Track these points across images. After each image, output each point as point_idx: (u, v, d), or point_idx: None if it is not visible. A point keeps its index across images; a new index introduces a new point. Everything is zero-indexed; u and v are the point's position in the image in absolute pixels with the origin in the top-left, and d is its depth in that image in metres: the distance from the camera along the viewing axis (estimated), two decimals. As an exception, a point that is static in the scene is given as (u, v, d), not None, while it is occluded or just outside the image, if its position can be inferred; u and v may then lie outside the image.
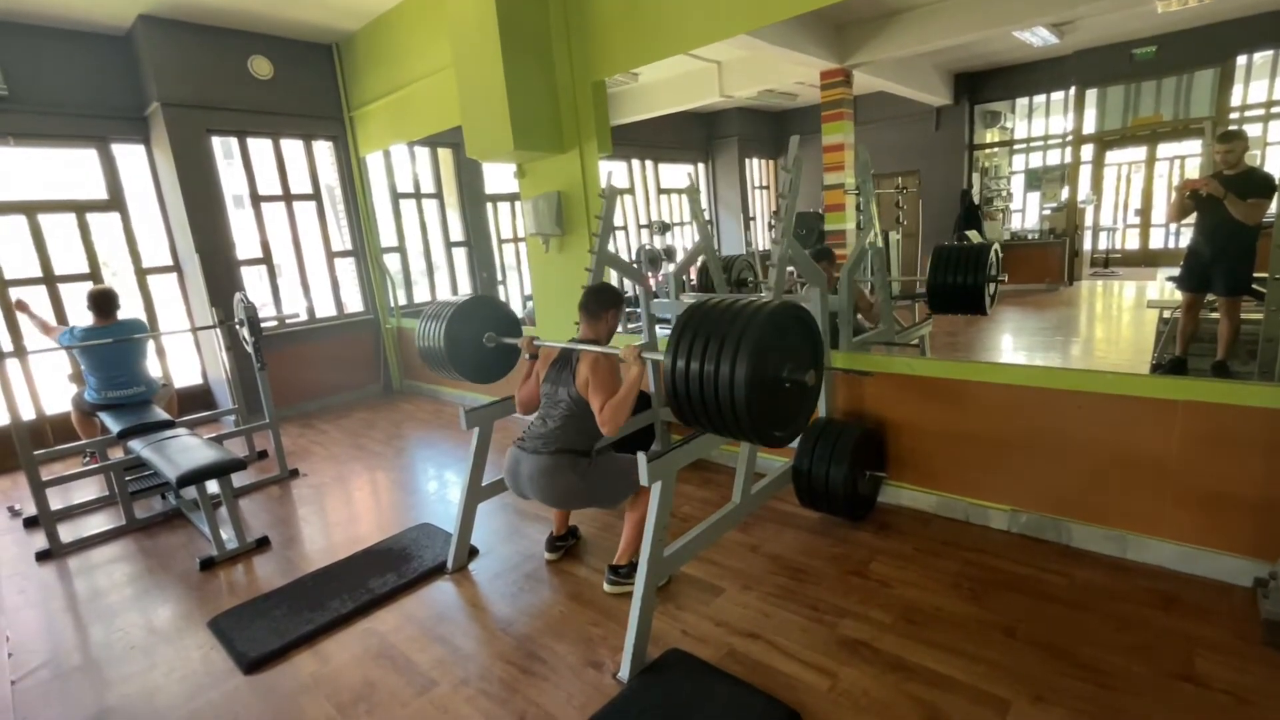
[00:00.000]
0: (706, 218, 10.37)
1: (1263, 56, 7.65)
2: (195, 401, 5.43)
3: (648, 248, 6.37)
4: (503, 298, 7.48)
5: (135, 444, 3.45)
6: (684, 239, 10.49)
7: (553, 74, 3.78)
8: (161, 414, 3.91)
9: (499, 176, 7.36)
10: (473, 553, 2.84)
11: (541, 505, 3.22)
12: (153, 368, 4.25)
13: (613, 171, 3.39)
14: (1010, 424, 2.60)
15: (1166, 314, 4.77)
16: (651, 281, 3.84)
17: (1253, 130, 7.86)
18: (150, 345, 4.25)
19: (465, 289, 7.01)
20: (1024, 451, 2.58)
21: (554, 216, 4.02)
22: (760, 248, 10.85)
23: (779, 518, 2.94)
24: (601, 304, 2.48)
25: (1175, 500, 2.28)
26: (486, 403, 2.73)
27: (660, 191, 9.88)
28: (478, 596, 2.54)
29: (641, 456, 1.94)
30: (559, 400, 2.43)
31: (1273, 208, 3.71)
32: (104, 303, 3.90)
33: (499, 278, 7.49)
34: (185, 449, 3.25)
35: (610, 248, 3.28)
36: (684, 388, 1.78)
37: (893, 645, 2.04)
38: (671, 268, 4.82)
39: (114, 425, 3.71)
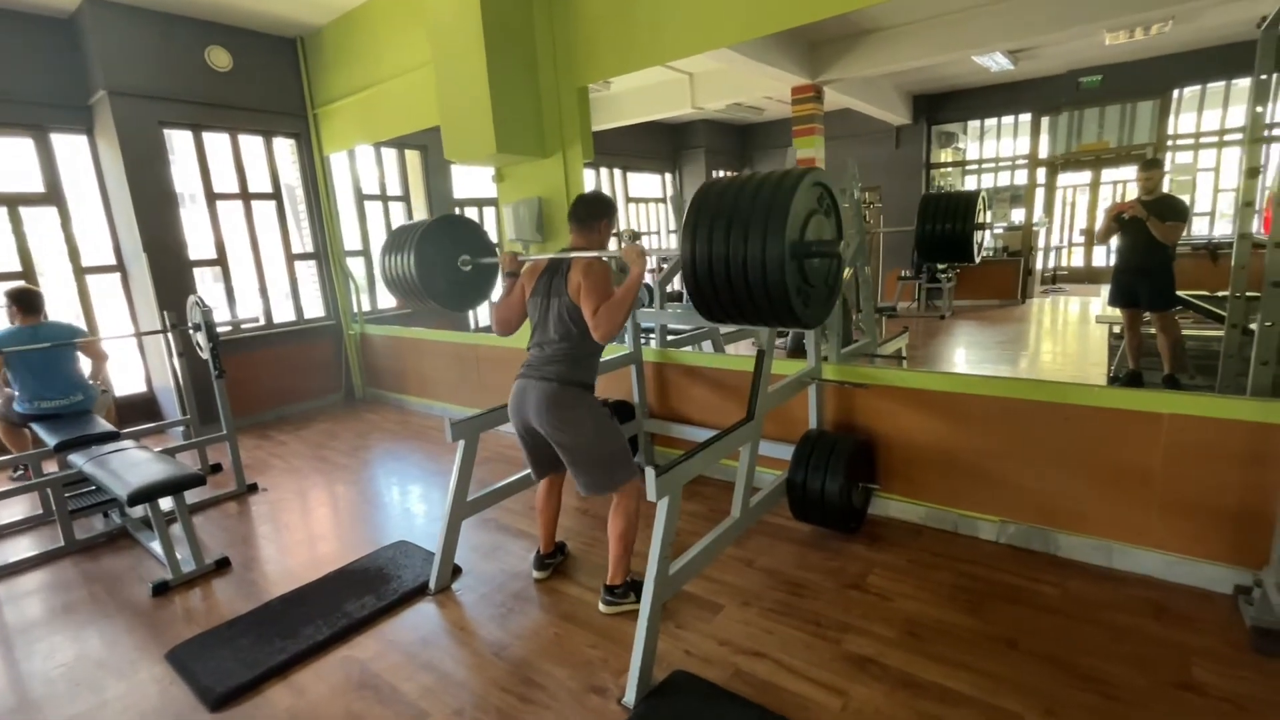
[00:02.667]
0: (676, 226, 10.42)
1: (1191, 91, 8.21)
2: (138, 411, 5.07)
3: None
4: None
5: (76, 458, 3.18)
6: (653, 247, 10.50)
7: (536, 77, 3.70)
8: (104, 424, 3.61)
9: (469, 181, 7.20)
10: (455, 572, 2.70)
11: (529, 522, 3.12)
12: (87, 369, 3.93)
13: (602, 176, 3.33)
14: (998, 435, 2.64)
15: (1117, 329, 5.02)
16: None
17: (1185, 158, 8.41)
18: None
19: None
20: (1012, 462, 2.63)
21: (535, 222, 3.92)
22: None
23: (770, 531, 2.91)
24: (593, 213, 2.29)
25: (1159, 510, 2.35)
26: (474, 414, 2.61)
27: (629, 200, 9.87)
28: (464, 619, 2.41)
29: (650, 471, 1.86)
30: (551, 316, 2.26)
31: (1232, 230, 3.98)
32: (29, 300, 3.57)
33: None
34: (134, 463, 3.00)
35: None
36: (707, 272, 1.68)
37: (899, 661, 2.02)
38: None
39: (50, 438, 3.40)
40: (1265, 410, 2.13)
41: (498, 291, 2.70)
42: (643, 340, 3.61)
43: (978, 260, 3.56)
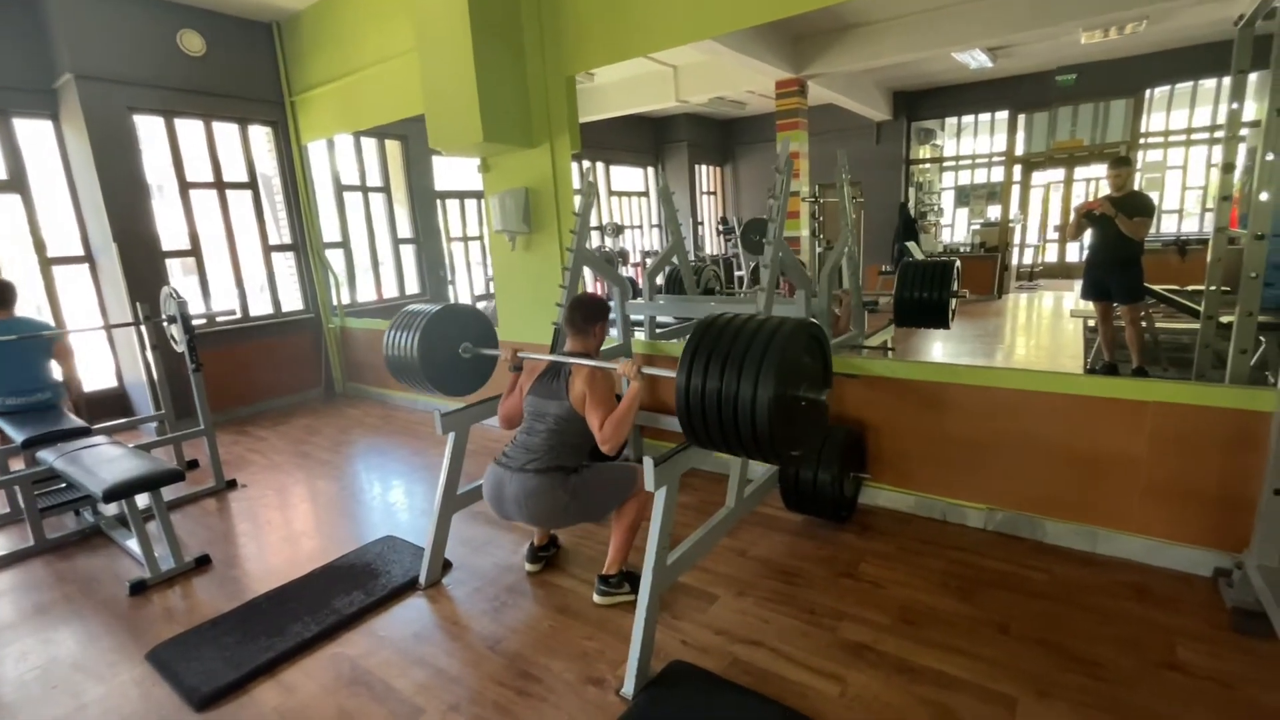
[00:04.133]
0: (659, 220, 10.40)
1: (1161, 90, 8.41)
2: (108, 406, 4.90)
3: (605, 250, 6.29)
4: (452, 297, 7.22)
5: (46, 454, 3.06)
6: (636, 241, 10.47)
7: (523, 65, 3.65)
8: (74, 420, 3.49)
9: (450, 173, 7.10)
10: (446, 566, 2.66)
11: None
12: (55, 369, 3.79)
13: (590, 167, 3.30)
14: (986, 424, 2.67)
15: (1091, 322, 5.13)
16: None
17: (1155, 155, 8.62)
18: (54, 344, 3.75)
19: (413, 287, 6.71)
20: (999, 451, 2.66)
21: (521, 214, 3.87)
22: (709, 251, 10.98)
23: (762, 521, 2.92)
24: (589, 318, 2.37)
25: (1142, 496, 2.40)
26: (462, 406, 2.57)
27: (611, 193, 9.82)
28: (457, 613, 2.38)
29: (648, 461, 1.86)
30: (545, 414, 2.29)
31: (1200, 226, 4.11)
32: (1, 291, 3.46)
33: (449, 277, 7.22)
34: (108, 459, 2.89)
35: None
36: (699, 407, 1.72)
37: (894, 647, 2.03)
38: (625, 271, 4.78)
39: (17, 434, 3.27)
40: (1244, 397, 2.18)
41: (493, 379, 2.82)
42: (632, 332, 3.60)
43: (951, 326, 3.71)
